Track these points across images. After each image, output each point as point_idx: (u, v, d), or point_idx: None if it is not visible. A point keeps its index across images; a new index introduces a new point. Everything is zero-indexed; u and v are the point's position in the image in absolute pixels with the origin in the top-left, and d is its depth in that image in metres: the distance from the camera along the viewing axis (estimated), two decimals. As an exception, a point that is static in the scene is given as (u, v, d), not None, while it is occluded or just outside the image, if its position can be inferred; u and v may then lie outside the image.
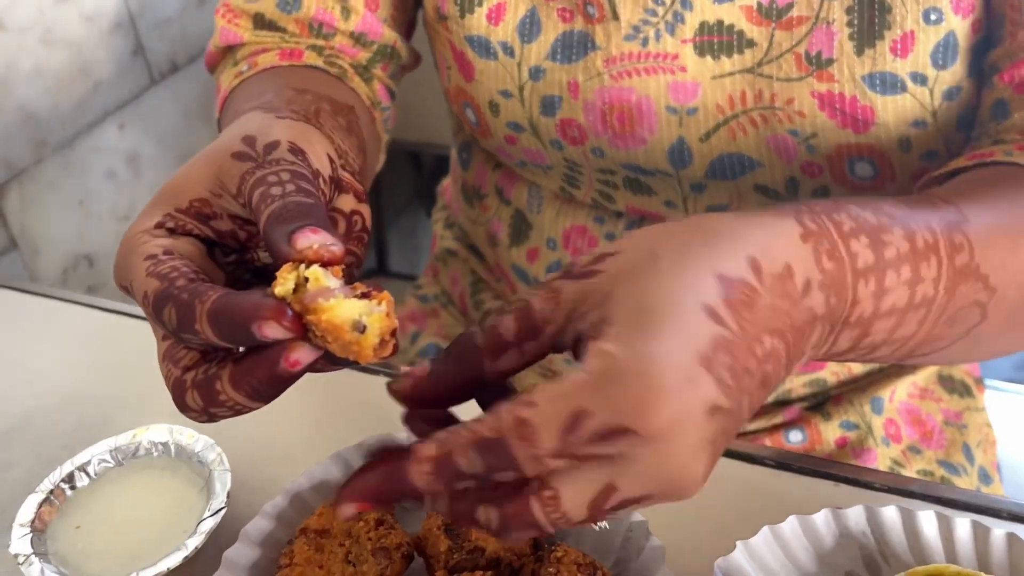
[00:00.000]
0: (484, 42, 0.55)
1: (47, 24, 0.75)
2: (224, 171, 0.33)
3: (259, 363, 0.28)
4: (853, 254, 0.32)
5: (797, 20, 0.49)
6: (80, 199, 0.82)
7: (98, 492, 0.42)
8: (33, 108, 0.76)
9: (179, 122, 0.93)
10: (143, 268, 0.30)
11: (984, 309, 0.39)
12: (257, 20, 0.58)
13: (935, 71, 0.48)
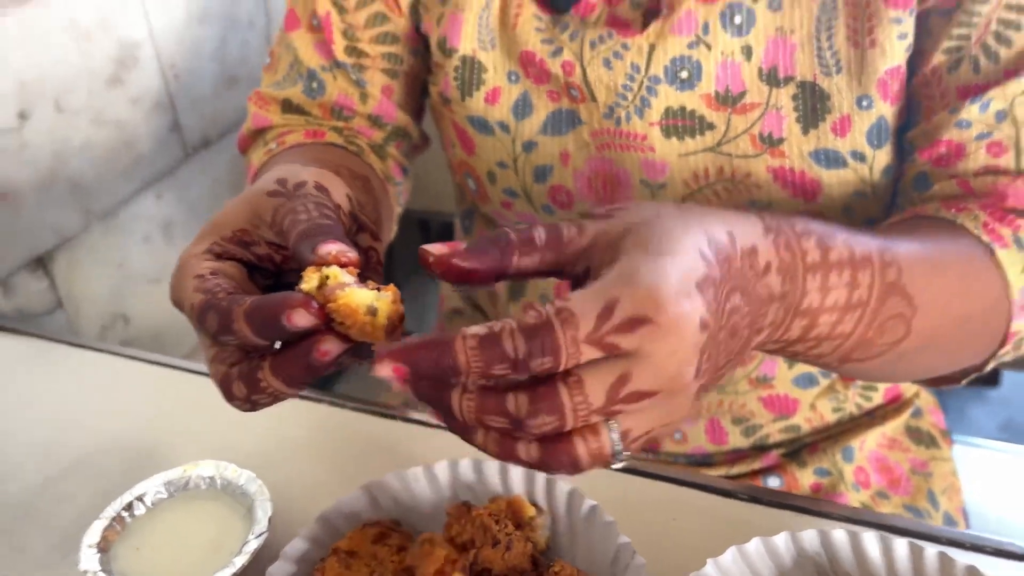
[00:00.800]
0: (483, 121, 0.63)
1: (99, 106, 0.84)
2: (261, 206, 0.40)
3: (295, 353, 0.35)
4: (804, 250, 0.40)
5: (750, 106, 0.57)
6: (119, 263, 0.89)
7: (154, 519, 0.48)
8: (82, 180, 0.84)
9: (209, 192, 1.01)
10: (191, 285, 0.37)
11: (908, 325, 0.46)
12: (285, 105, 0.66)
13: (871, 150, 0.56)
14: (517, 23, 0.60)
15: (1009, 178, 0.53)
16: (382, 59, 0.65)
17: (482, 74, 0.62)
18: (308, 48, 0.65)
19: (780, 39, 0.56)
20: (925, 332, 0.48)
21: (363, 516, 0.46)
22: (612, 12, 0.59)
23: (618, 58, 0.58)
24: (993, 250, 0.51)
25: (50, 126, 0.79)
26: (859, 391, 0.71)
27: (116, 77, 0.85)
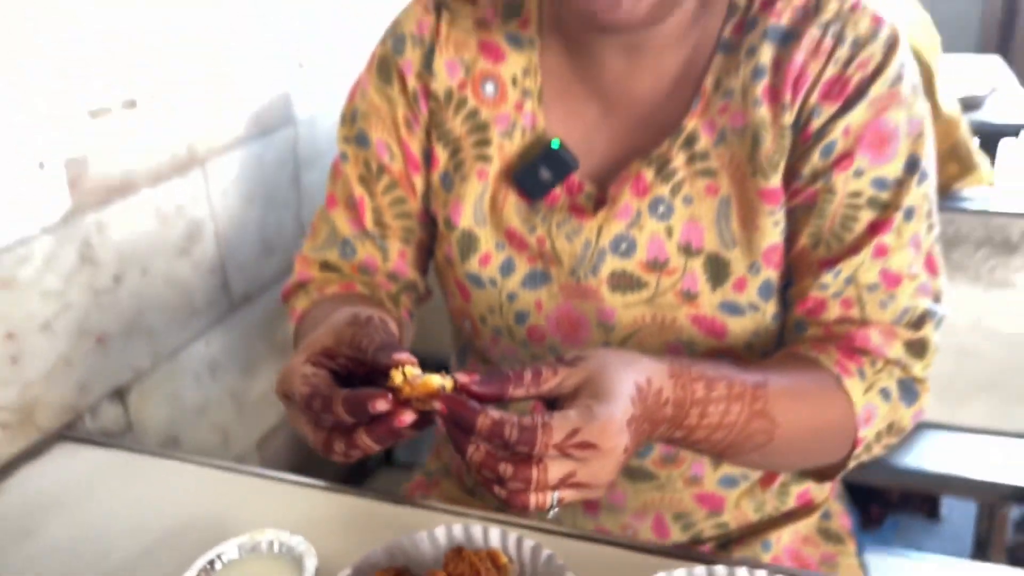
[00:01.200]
0: (477, 278, 0.84)
1: (171, 270, 1.06)
2: (341, 332, 0.61)
3: (384, 422, 0.55)
4: (693, 390, 0.62)
5: (672, 270, 0.78)
6: (175, 396, 1.09)
7: (230, 571, 0.65)
8: (154, 328, 1.05)
9: (246, 340, 1.22)
10: (299, 381, 0.58)
11: (771, 436, 0.67)
12: (323, 265, 0.88)
13: (763, 303, 0.77)
14: (503, 208, 0.82)
15: (856, 326, 0.74)
16: (400, 230, 0.87)
17: (476, 244, 0.83)
18: (344, 222, 0.87)
19: (692, 223, 0.78)
20: (785, 440, 0.69)
21: (382, 565, 0.64)
22: (572, 201, 0.81)
23: (577, 234, 0.80)
24: (841, 380, 0.72)
25: (136, 287, 1.01)
26: (775, 495, 0.90)
27: (185, 248, 1.09)
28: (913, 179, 0.73)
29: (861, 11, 0.73)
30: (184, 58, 1.06)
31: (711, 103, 0.77)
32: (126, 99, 0.98)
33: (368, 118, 0.86)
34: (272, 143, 1.23)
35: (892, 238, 0.73)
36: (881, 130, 0.72)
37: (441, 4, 0.84)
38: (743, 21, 0.77)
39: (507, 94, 0.82)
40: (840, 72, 0.72)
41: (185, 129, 1.07)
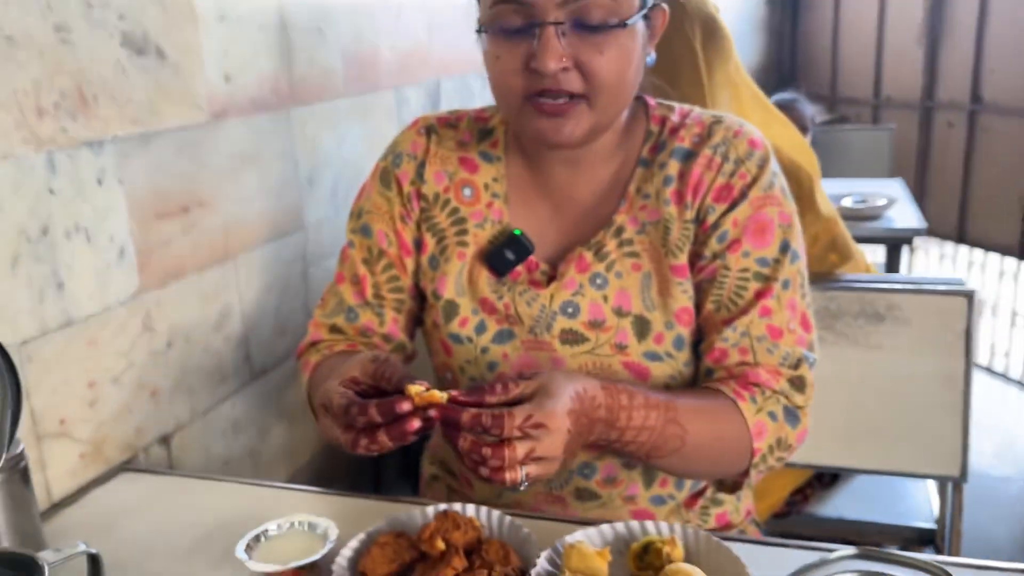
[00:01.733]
0: (457, 336, 1.08)
1: (208, 342, 1.31)
2: (365, 366, 0.86)
3: (399, 424, 0.79)
4: (619, 399, 0.87)
5: (608, 328, 1.03)
6: (206, 447, 1.32)
7: (274, 540, 0.87)
8: (193, 388, 1.29)
9: (263, 403, 1.46)
10: (337, 396, 0.83)
11: (683, 440, 0.92)
12: (331, 328, 1.12)
13: (677, 352, 1.03)
14: (478, 282, 1.08)
15: (749, 367, 1.00)
16: (393, 301, 1.12)
17: (457, 310, 1.07)
18: (350, 294, 1.12)
19: (622, 292, 1.04)
20: (694, 446, 0.94)
21: (384, 532, 0.87)
22: (530, 276, 1.07)
23: (534, 301, 1.05)
24: (736, 403, 0.97)
25: (182, 352, 1.26)
26: (697, 515, 1.13)
27: (219, 324, 1.34)
28: (786, 258, 1.00)
29: (741, 137, 1.03)
30: (225, 178, 1.34)
31: (634, 203, 1.04)
32: (182, 206, 1.26)
33: (371, 214, 1.11)
34: (287, 244, 1.51)
35: (773, 302, 0.99)
36: (760, 222, 1.00)
37: (431, 129, 1.12)
38: (656, 144, 1.06)
39: (480, 196, 1.09)
40: (727, 181, 1.01)
41: (223, 231, 1.35)
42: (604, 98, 0.94)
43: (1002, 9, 3.63)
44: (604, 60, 0.92)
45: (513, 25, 0.92)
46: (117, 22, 1.13)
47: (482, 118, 1.12)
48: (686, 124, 1.04)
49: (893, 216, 2.28)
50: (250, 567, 0.82)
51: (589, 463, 1.06)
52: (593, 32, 0.91)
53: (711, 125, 1.03)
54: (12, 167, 1.00)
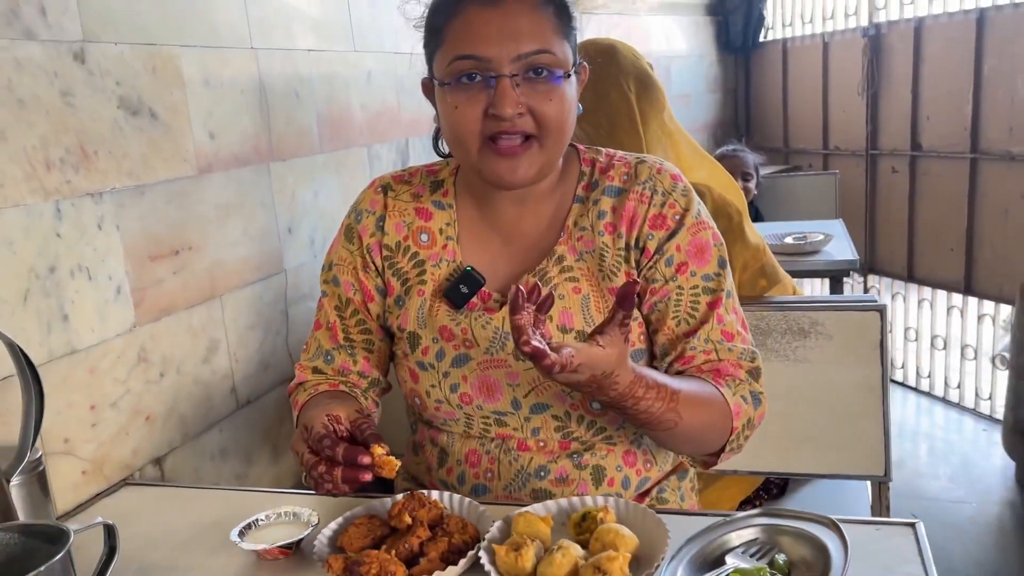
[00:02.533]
0: (421, 363, 1.20)
1: (197, 373, 1.44)
2: (350, 414, 0.98)
3: (354, 471, 0.90)
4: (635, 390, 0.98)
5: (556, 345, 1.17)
6: (196, 469, 1.43)
7: (263, 528, 0.99)
8: (184, 415, 1.41)
9: (249, 431, 1.57)
10: (320, 423, 0.95)
11: (676, 424, 1.04)
12: (314, 370, 1.23)
13: None
14: (437, 314, 1.21)
15: (716, 363, 1.12)
16: (363, 342, 1.24)
17: (419, 340, 1.19)
18: (325, 339, 1.25)
19: (565, 311, 1.17)
20: (684, 428, 1.05)
21: (360, 515, 0.99)
22: (484, 304, 1.20)
23: (488, 325, 1.18)
24: (719, 388, 1.10)
25: (174, 382, 1.39)
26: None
27: (207, 358, 1.47)
28: (725, 271, 1.15)
29: (663, 173, 1.18)
30: (211, 225, 1.49)
31: (571, 235, 1.18)
32: (173, 249, 1.40)
33: (339, 266, 1.24)
34: (268, 285, 1.65)
35: (723, 311, 1.14)
36: (699, 245, 1.14)
37: (387, 187, 1.25)
38: (589, 183, 1.20)
39: (436, 240, 1.21)
40: (659, 211, 1.14)
41: (209, 273, 1.48)
42: (552, 140, 1.09)
43: (933, 61, 3.90)
44: (551, 106, 1.06)
45: (472, 77, 1.05)
46: (115, 87, 1.29)
47: (432, 171, 1.27)
48: (613, 165, 1.20)
49: (831, 251, 2.46)
50: (242, 547, 0.94)
51: (544, 465, 1.18)
52: (542, 83, 1.06)
53: (636, 165, 1.19)
54: (23, 214, 1.14)
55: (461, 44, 1.06)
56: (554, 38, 1.07)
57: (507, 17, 1.04)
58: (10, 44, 1.12)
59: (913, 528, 0.94)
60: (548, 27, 1.06)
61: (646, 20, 4.09)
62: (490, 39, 1.04)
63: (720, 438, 1.12)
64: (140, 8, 1.33)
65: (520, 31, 1.04)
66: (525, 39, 1.04)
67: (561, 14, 1.09)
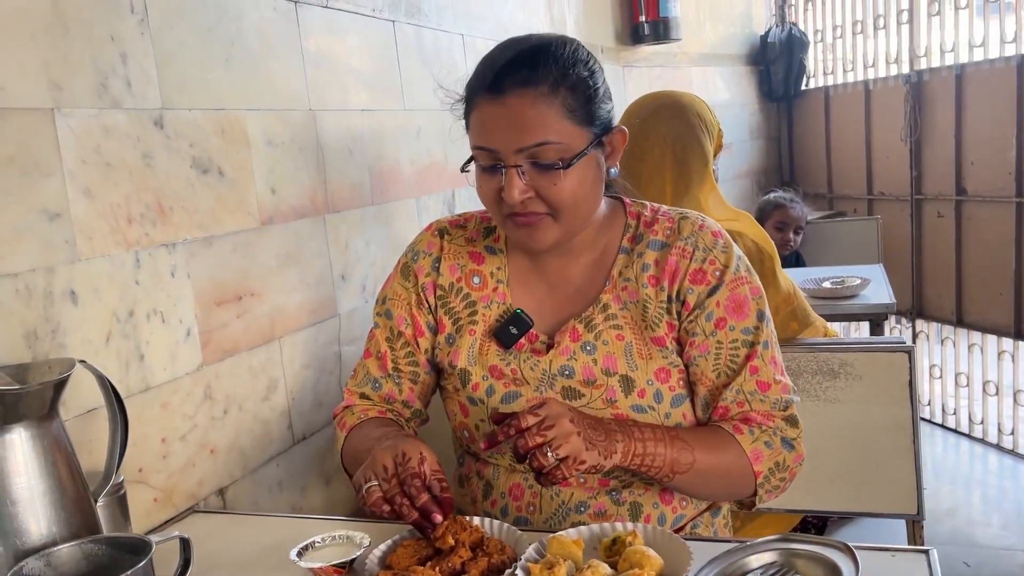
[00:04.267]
0: (472, 399, 1.29)
1: (256, 411, 1.55)
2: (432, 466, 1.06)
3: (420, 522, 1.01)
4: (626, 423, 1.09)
5: (599, 386, 1.20)
6: (255, 501, 1.53)
7: (320, 548, 1.08)
8: (244, 449, 1.51)
9: (303, 465, 1.67)
10: (419, 453, 1.05)
11: (692, 466, 1.12)
12: (361, 395, 1.34)
13: (656, 404, 1.20)
14: (487, 353, 1.29)
15: (747, 413, 1.19)
16: (410, 374, 1.34)
17: (470, 377, 1.28)
18: (375, 367, 1.36)
19: (609, 356, 1.23)
20: (702, 465, 1.13)
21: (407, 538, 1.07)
22: (532, 346, 1.28)
23: (537, 366, 1.25)
24: (735, 436, 1.17)
25: (236, 418, 1.50)
26: None
27: (266, 396, 1.58)
28: (763, 323, 1.22)
29: (705, 230, 1.24)
30: (272, 273, 1.61)
31: (616, 285, 1.25)
32: (236, 295, 1.52)
33: (393, 301, 1.35)
34: (323, 328, 1.76)
35: (759, 362, 1.20)
36: (737, 300, 1.21)
37: (443, 231, 1.36)
38: (634, 235, 1.27)
39: (487, 283, 1.31)
40: (699, 267, 1.22)
41: (269, 317, 1.60)
42: (566, 215, 1.17)
43: (975, 107, 3.92)
44: (558, 189, 1.13)
45: (486, 164, 1.15)
46: (188, 148, 1.42)
47: (486, 219, 1.36)
48: (658, 219, 1.27)
49: (868, 295, 2.50)
50: (300, 566, 1.03)
51: (584, 501, 1.24)
52: (547, 170, 1.12)
53: (679, 220, 1.26)
54: (108, 263, 1.27)
55: (476, 135, 1.16)
56: (560, 126, 1.11)
57: (510, 111, 1.11)
58: (99, 113, 1.25)
59: (927, 556, 0.99)
60: (553, 117, 1.11)
61: (688, 71, 4.20)
62: (495, 132, 1.12)
63: (743, 480, 1.18)
64: (211, 77, 1.47)
65: (521, 124, 1.10)
66: (526, 132, 1.10)
67: (574, 94, 1.12)
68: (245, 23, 1.55)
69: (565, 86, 1.12)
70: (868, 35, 4.61)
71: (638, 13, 3.51)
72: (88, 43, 1.24)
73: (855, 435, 1.58)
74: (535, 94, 1.10)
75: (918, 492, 1.54)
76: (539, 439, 1.01)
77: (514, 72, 1.11)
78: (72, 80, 1.21)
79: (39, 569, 0.88)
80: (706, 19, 4.43)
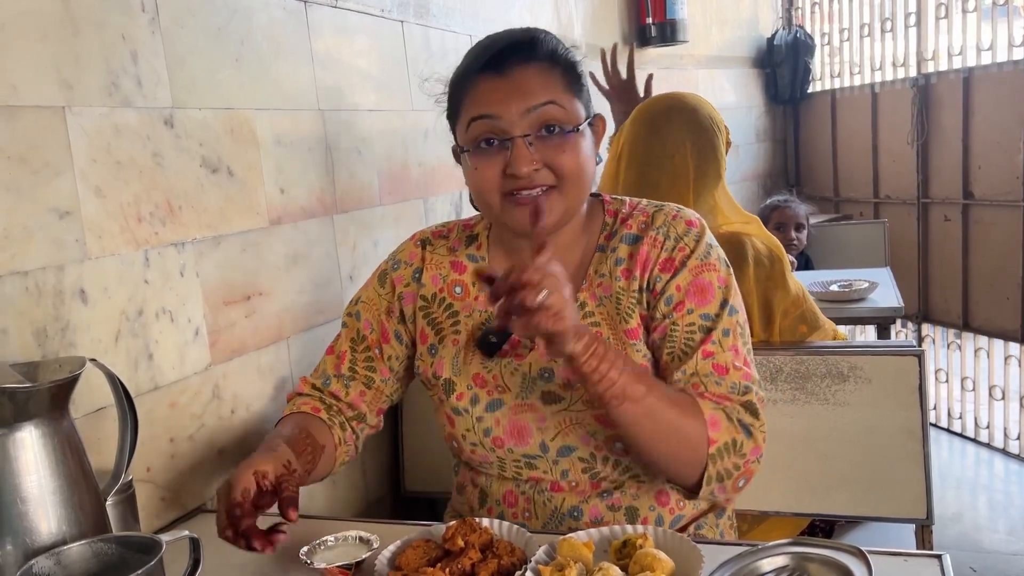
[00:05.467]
0: (457, 409, 1.26)
1: (263, 410, 1.54)
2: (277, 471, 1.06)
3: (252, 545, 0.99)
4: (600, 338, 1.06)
5: (578, 387, 1.19)
6: (262, 501, 1.53)
7: (330, 548, 1.08)
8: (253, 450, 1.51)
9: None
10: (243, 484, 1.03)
11: (643, 399, 1.08)
12: (312, 386, 1.31)
13: None
14: (471, 362, 1.27)
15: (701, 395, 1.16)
16: (364, 378, 1.32)
17: (454, 386, 1.27)
18: (331, 364, 1.33)
19: None
20: (654, 402, 1.09)
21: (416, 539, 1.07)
22: (515, 352, 1.27)
23: (517, 371, 1.24)
24: (695, 399, 1.15)
25: (244, 418, 1.49)
26: None
27: (274, 396, 1.58)
28: (725, 311, 1.19)
29: (679, 219, 1.23)
30: (280, 273, 1.61)
31: (592, 282, 1.24)
32: (245, 295, 1.52)
33: (364, 304, 1.35)
34: (331, 329, 1.75)
35: (715, 346, 1.17)
36: (700, 285, 1.19)
37: (425, 242, 1.36)
38: (610, 233, 1.26)
39: (469, 291, 1.30)
40: (669, 255, 1.21)
41: (277, 316, 1.60)
42: (571, 187, 1.17)
43: (983, 111, 3.91)
44: (567, 157, 1.14)
45: (488, 137, 1.15)
46: (198, 148, 1.42)
47: (468, 226, 1.37)
48: (633, 214, 1.27)
49: (876, 299, 2.49)
50: (308, 565, 1.03)
51: (576, 506, 1.24)
52: (553, 137, 1.14)
53: (653, 213, 1.26)
54: (118, 262, 1.27)
55: (477, 106, 1.16)
56: (563, 94, 1.16)
57: (514, 81, 1.15)
58: (110, 112, 1.25)
59: (940, 560, 0.98)
60: (556, 84, 1.16)
61: (694, 74, 4.20)
62: (499, 100, 1.14)
63: (695, 446, 1.12)
64: (221, 77, 1.47)
65: (527, 89, 1.14)
66: (533, 94, 1.14)
67: (568, 73, 1.18)
68: (255, 23, 1.55)
69: (559, 63, 1.18)
70: (875, 38, 4.60)
71: (645, 15, 3.51)
72: (99, 42, 1.24)
73: (864, 439, 1.58)
74: (538, 65, 1.16)
75: (927, 496, 1.53)
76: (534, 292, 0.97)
77: (514, 49, 1.16)
78: (83, 79, 1.21)
79: (49, 568, 0.88)
80: (713, 22, 4.43)
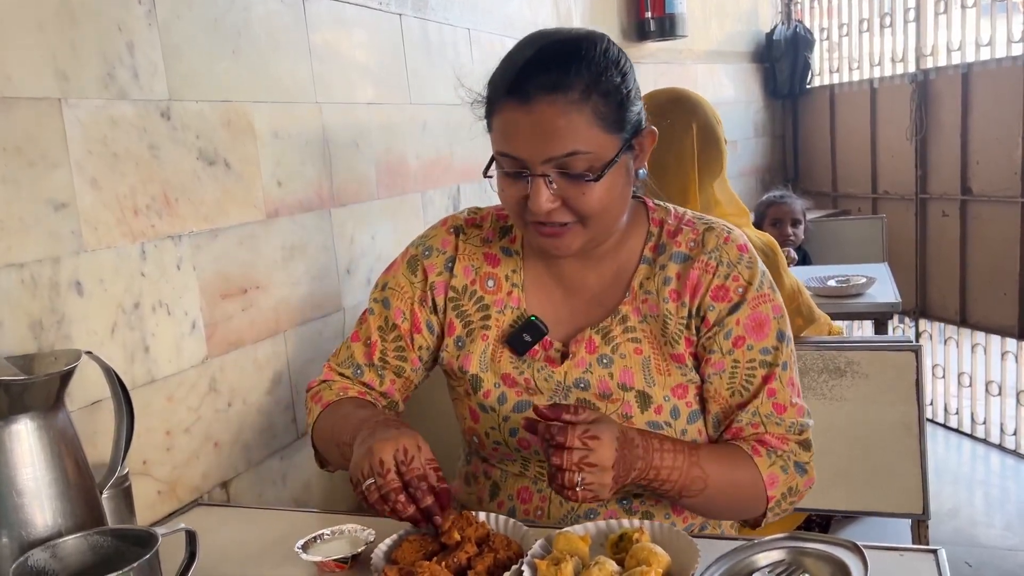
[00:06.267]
0: (483, 405, 1.22)
1: (260, 404, 1.54)
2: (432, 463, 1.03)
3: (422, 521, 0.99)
4: (652, 442, 1.08)
5: (615, 400, 1.16)
6: (259, 494, 1.53)
7: (325, 542, 1.08)
8: (248, 443, 1.51)
9: (306, 462, 1.67)
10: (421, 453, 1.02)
11: (705, 483, 1.09)
12: (340, 375, 1.26)
13: (673, 420, 1.17)
14: (500, 360, 1.23)
15: (762, 435, 1.16)
16: (395, 367, 1.26)
17: (482, 383, 1.22)
18: (360, 353, 1.27)
19: (626, 370, 1.17)
20: (715, 487, 1.11)
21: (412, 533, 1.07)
22: (546, 355, 1.21)
23: (551, 376, 1.20)
24: (752, 457, 1.14)
25: (240, 411, 1.49)
26: None
27: (271, 389, 1.58)
28: (783, 343, 1.17)
29: (731, 243, 1.17)
30: (277, 266, 1.60)
31: (637, 296, 1.19)
32: (242, 288, 1.52)
33: (394, 291, 1.26)
34: (328, 322, 1.76)
35: (777, 384, 1.15)
36: (758, 319, 1.16)
37: (459, 229, 1.27)
38: (657, 244, 1.20)
39: (502, 286, 1.24)
40: (722, 283, 1.15)
41: (274, 310, 1.60)
42: (594, 222, 1.10)
43: (981, 107, 3.91)
44: (587, 199, 1.06)
45: (511, 171, 1.08)
46: (195, 140, 1.41)
47: (502, 216, 1.28)
48: (682, 229, 1.20)
49: (873, 294, 2.49)
50: (304, 558, 1.03)
51: (593, 508, 1.21)
52: (576, 180, 1.06)
53: (704, 232, 1.19)
54: (114, 255, 1.26)
55: (500, 141, 1.08)
56: (590, 134, 1.05)
57: (537, 119, 1.03)
58: (106, 104, 1.25)
59: (935, 555, 0.98)
60: (583, 125, 1.04)
61: (693, 68, 4.19)
62: (521, 140, 1.05)
63: (755, 502, 1.15)
64: (218, 69, 1.46)
65: (550, 133, 1.03)
66: (555, 141, 1.04)
67: (607, 103, 1.06)
68: (252, 15, 1.54)
69: (597, 93, 1.04)
70: (874, 33, 4.60)
71: (644, 9, 3.50)
72: (95, 33, 1.23)
73: (860, 434, 1.58)
74: (565, 101, 1.03)
75: (924, 492, 1.53)
76: (577, 456, 0.98)
77: (542, 75, 1.03)
78: (79, 70, 1.21)
79: (44, 561, 0.88)
80: (712, 16, 4.42)
